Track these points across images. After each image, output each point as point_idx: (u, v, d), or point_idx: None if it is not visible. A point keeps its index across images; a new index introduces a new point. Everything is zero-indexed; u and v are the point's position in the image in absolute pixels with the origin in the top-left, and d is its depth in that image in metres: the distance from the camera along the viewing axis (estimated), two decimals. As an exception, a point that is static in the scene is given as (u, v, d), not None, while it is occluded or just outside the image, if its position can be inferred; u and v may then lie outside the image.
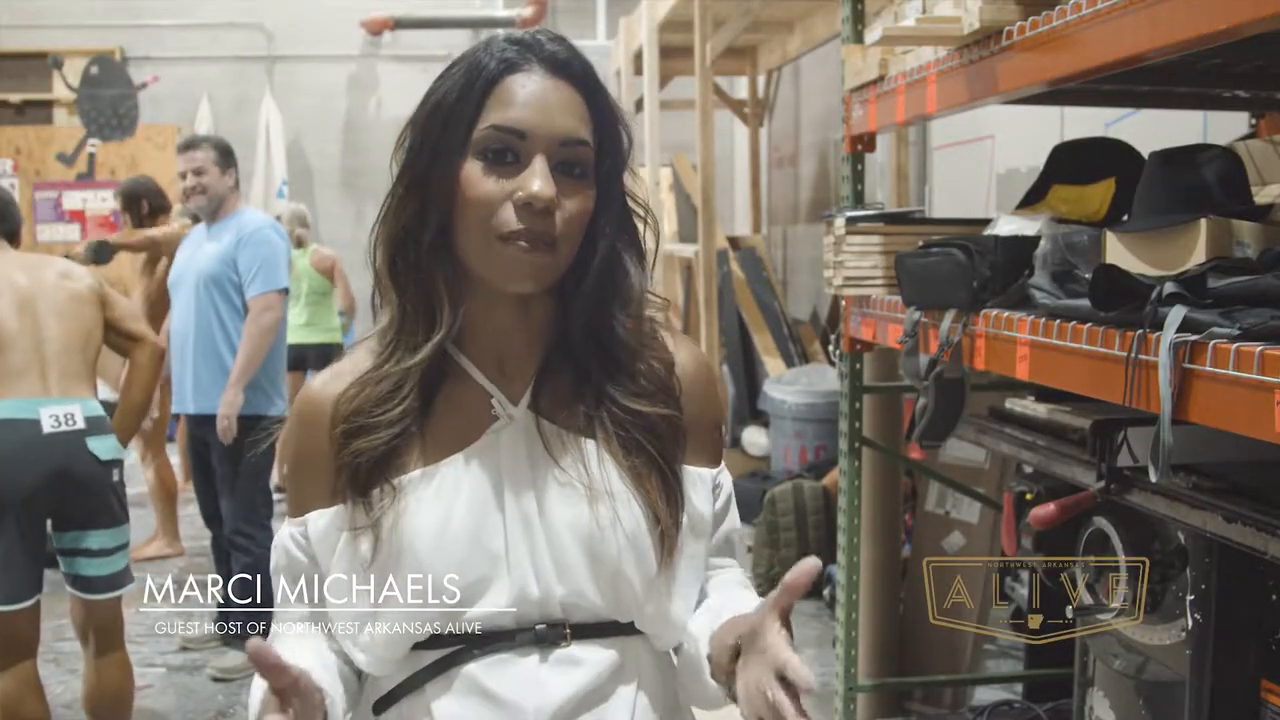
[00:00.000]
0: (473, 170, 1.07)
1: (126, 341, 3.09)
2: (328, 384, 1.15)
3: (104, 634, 3.01)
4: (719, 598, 1.19)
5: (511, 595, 1.09)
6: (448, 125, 1.09)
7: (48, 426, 2.79)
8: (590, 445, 1.13)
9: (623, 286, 1.15)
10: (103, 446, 2.90)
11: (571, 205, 1.08)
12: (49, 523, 2.90)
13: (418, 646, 1.11)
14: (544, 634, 1.10)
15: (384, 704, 1.14)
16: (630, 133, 1.16)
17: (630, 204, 1.17)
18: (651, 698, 1.16)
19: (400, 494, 1.10)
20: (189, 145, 4.04)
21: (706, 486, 1.19)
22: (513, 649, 1.10)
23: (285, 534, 1.16)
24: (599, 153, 1.11)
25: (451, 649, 1.11)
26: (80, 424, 2.84)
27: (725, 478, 1.23)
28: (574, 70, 1.11)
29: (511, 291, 1.10)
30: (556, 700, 1.09)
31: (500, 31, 1.12)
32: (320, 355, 6.45)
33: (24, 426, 2.77)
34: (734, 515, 1.24)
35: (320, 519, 1.13)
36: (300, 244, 6.52)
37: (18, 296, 2.86)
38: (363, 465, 1.10)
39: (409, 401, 1.11)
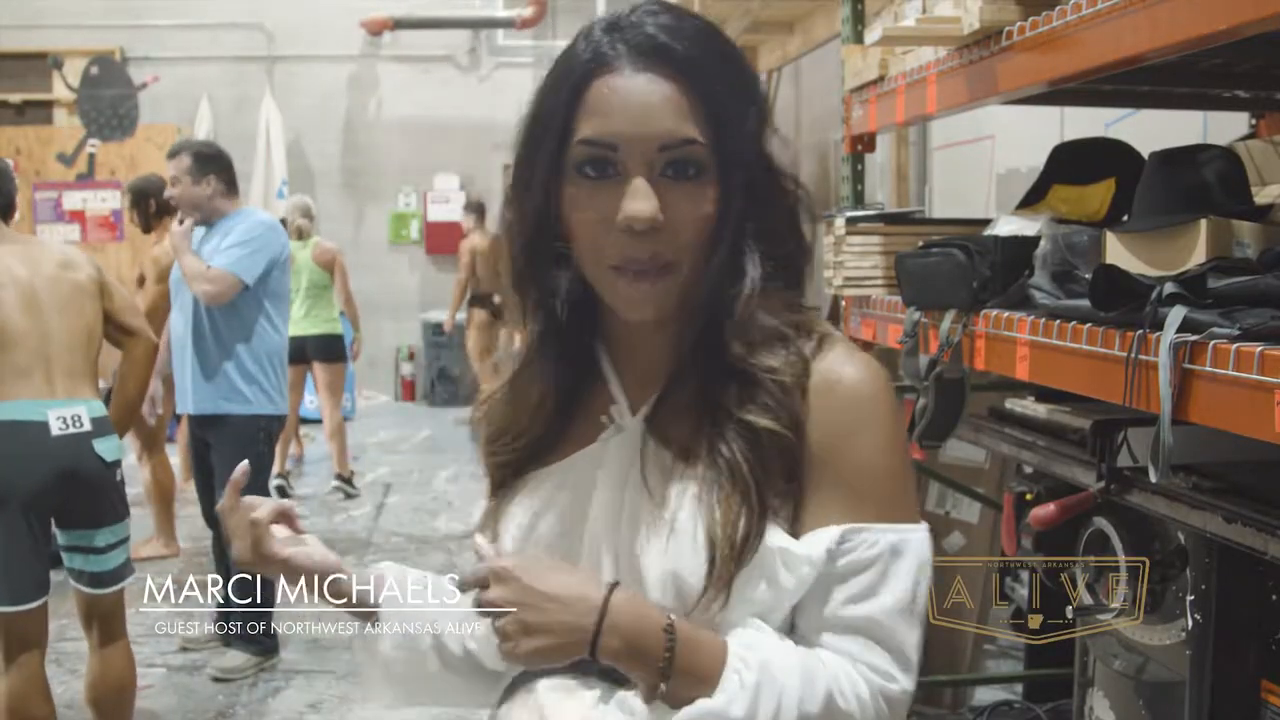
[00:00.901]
0: (572, 193, 0.98)
1: (121, 335, 3.08)
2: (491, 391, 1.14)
3: (107, 622, 3.04)
4: None
5: None
6: (543, 142, 0.99)
7: (56, 429, 2.79)
8: (684, 468, 1.00)
9: (737, 289, 1.00)
10: (107, 447, 2.92)
11: (687, 213, 0.96)
12: (53, 522, 2.92)
13: None
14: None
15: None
16: (761, 101, 1.03)
17: (772, 178, 1.03)
18: None
19: (511, 496, 1.08)
20: (170, 153, 4.01)
21: (816, 545, 0.97)
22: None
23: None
24: (719, 142, 0.97)
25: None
26: (87, 426, 2.85)
27: (880, 536, 0.97)
28: (672, 54, 0.96)
29: (635, 320, 1.01)
30: None
31: (595, 21, 1.02)
32: (320, 346, 6.44)
33: (32, 429, 2.78)
34: (884, 596, 0.98)
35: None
36: (302, 235, 6.51)
37: (21, 292, 2.84)
38: (501, 469, 1.10)
39: (549, 407, 1.07)
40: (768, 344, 1.00)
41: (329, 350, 6.56)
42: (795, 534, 0.98)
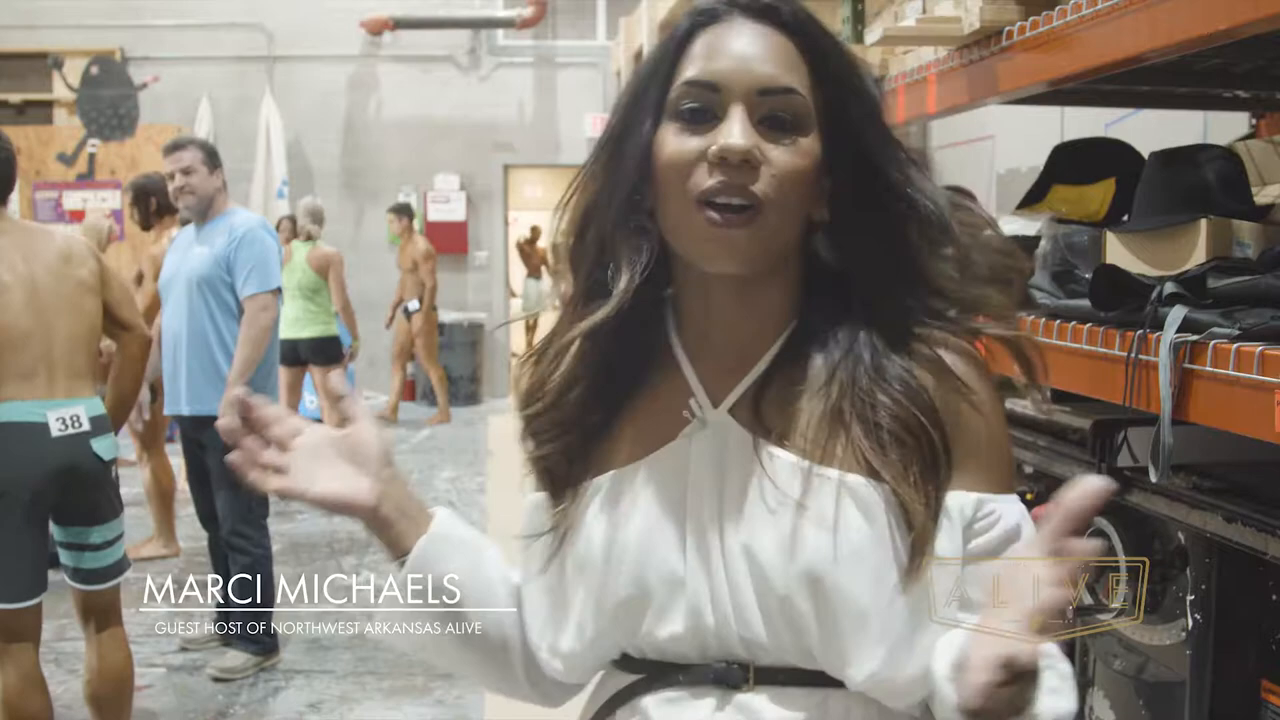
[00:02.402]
0: (667, 132, 0.96)
1: (116, 328, 3.09)
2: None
3: (104, 616, 3.07)
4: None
5: (686, 622, 0.97)
6: (644, 90, 0.99)
7: (55, 430, 2.81)
8: (802, 464, 0.96)
9: (905, 252, 0.99)
10: (104, 446, 2.94)
11: (782, 160, 0.94)
12: (50, 520, 2.94)
13: (621, 665, 1.03)
14: (723, 673, 0.96)
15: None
16: (875, 81, 1.02)
17: (891, 155, 0.99)
18: None
19: (584, 498, 1.01)
20: (175, 146, 4.04)
21: (961, 514, 0.96)
22: (689, 686, 0.97)
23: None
24: (824, 103, 0.97)
25: (635, 678, 1.01)
26: (86, 425, 2.87)
27: (1009, 507, 0.99)
28: (782, 16, 0.97)
29: (715, 273, 0.97)
30: None
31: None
32: (314, 349, 6.42)
33: (32, 430, 2.80)
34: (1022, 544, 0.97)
35: (531, 502, 1.06)
36: (310, 238, 6.50)
37: (26, 291, 2.83)
38: (551, 467, 1.03)
39: (606, 398, 1.02)
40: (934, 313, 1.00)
41: (324, 352, 6.54)
42: None
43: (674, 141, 0.95)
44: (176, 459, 4.45)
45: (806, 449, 0.96)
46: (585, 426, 1.02)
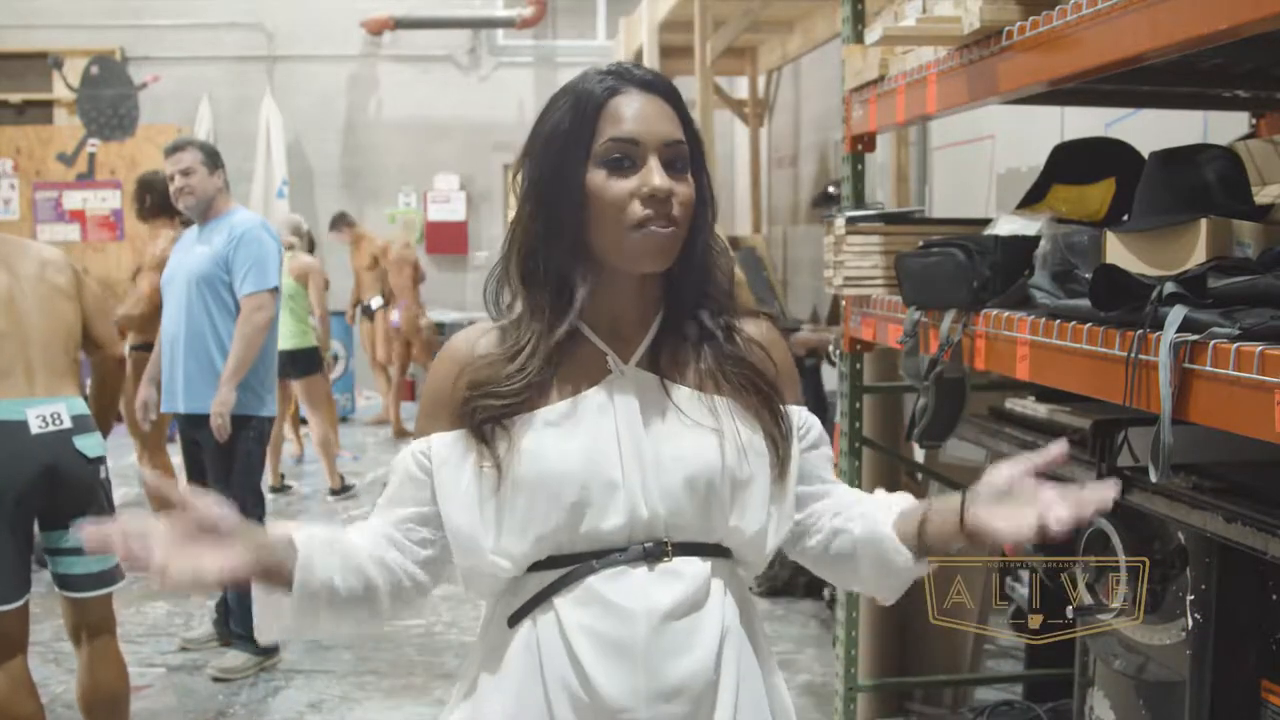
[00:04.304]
0: (597, 178, 1.29)
1: (89, 344, 3.08)
2: (470, 335, 1.39)
3: (97, 633, 3.01)
4: (874, 502, 1.45)
5: (625, 516, 1.29)
6: (568, 147, 1.30)
7: (35, 427, 2.79)
8: (697, 394, 1.34)
9: (716, 254, 1.38)
10: (89, 444, 2.91)
11: (683, 192, 1.31)
12: (36, 524, 2.90)
13: (539, 567, 1.31)
14: (651, 550, 1.30)
15: (517, 617, 1.33)
16: (700, 132, 1.39)
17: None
18: (740, 613, 1.36)
19: (519, 433, 1.30)
20: (176, 148, 4.05)
21: (793, 424, 1.41)
22: (626, 563, 1.29)
23: (407, 452, 1.37)
24: (691, 149, 1.34)
25: (573, 566, 1.30)
26: (67, 423, 2.85)
27: (811, 418, 1.45)
28: (660, 87, 1.34)
29: (642, 271, 1.32)
30: (664, 605, 1.28)
31: (590, 69, 1.36)
32: (291, 360, 6.30)
33: (11, 429, 2.77)
34: (828, 446, 1.48)
35: (442, 442, 1.34)
36: (290, 248, 6.48)
37: (2, 294, 2.84)
38: (481, 416, 1.31)
39: (534, 374, 1.31)
40: (728, 298, 1.41)
41: (302, 364, 6.49)
42: None
43: (609, 185, 1.29)
44: (178, 459, 4.45)
45: (701, 384, 1.36)
46: (520, 392, 1.32)
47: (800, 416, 1.43)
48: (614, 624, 1.27)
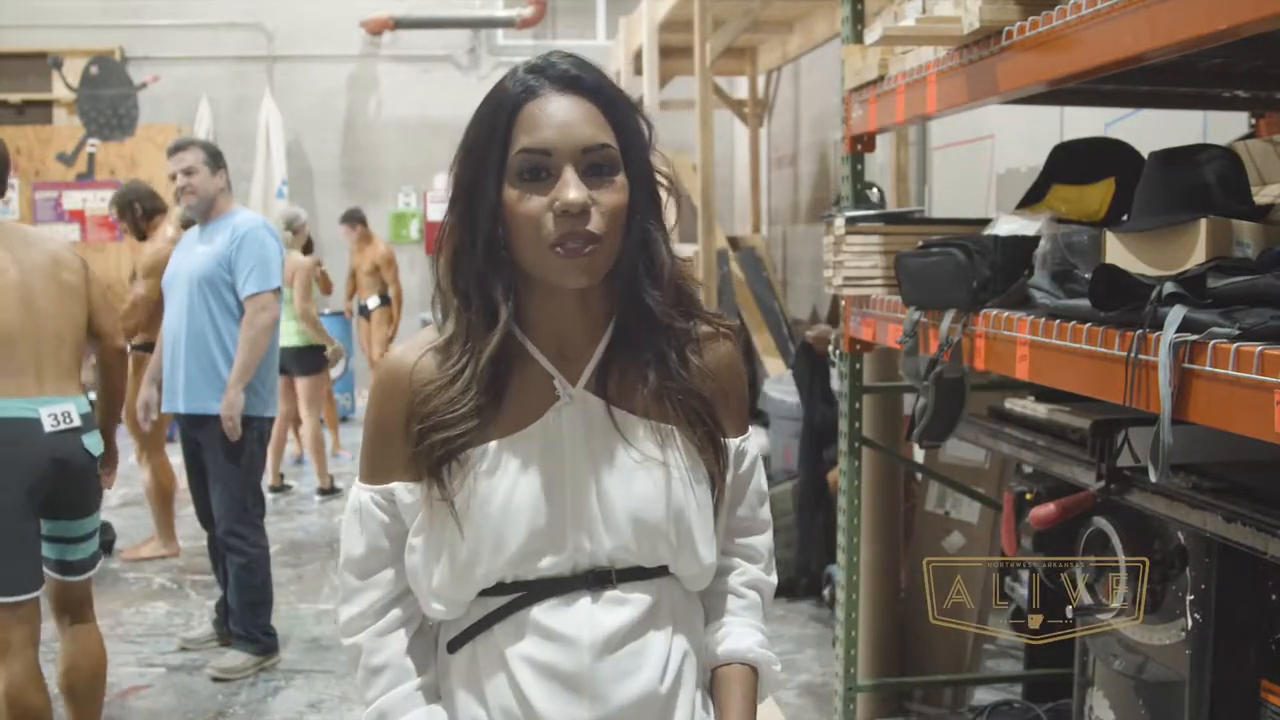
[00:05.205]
0: (513, 192, 1.21)
1: (92, 335, 3.15)
2: (405, 355, 1.31)
3: (80, 608, 3.14)
4: (722, 633, 1.38)
5: (569, 553, 1.27)
6: (484, 158, 1.23)
7: (49, 426, 2.88)
8: (644, 421, 1.29)
9: (655, 262, 1.28)
10: (93, 442, 3.02)
11: (607, 201, 1.21)
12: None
13: (485, 594, 1.28)
14: (595, 578, 1.27)
15: (457, 643, 1.31)
16: (649, 121, 1.29)
17: (657, 178, 1.30)
18: (684, 629, 1.34)
19: (471, 469, 1.26)
20: (178, 147, 4.05)
21: (730, 455, 1.36)
22: (568, 593, 1.27)
23: (365, 498, 1.31)
24: (624, 148, 1.24)
25: (515, 595, 1.27)
26: (76, 421, 2.95)
27: (750, 444, 1.40)
28: (585, 84, 1.24)
29: (570, 288, 1.24)
30: (607, 631, 1.26)
31: (518, 65, 1.27)
32: (294, 358, 6.32)
33: (28, 426, 2.86)
34: (760, 476, 1.42)
35: (407, 495, 1.29)
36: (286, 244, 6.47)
37: (18, 291, 2.90)
38: (439, 455, 1.25)
39: (478, 397, 1.25)
40: (685, 311, 1.32)
41: (307, 362, 6.49)
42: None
43: (522, 201, 1.21)
44: (178, 459, 4.44)
45: (648, 409, 1.29)
46: (466, 428, 1.26)
47: (737, 448, 1.37)
48: (557, 653, 1.25)
